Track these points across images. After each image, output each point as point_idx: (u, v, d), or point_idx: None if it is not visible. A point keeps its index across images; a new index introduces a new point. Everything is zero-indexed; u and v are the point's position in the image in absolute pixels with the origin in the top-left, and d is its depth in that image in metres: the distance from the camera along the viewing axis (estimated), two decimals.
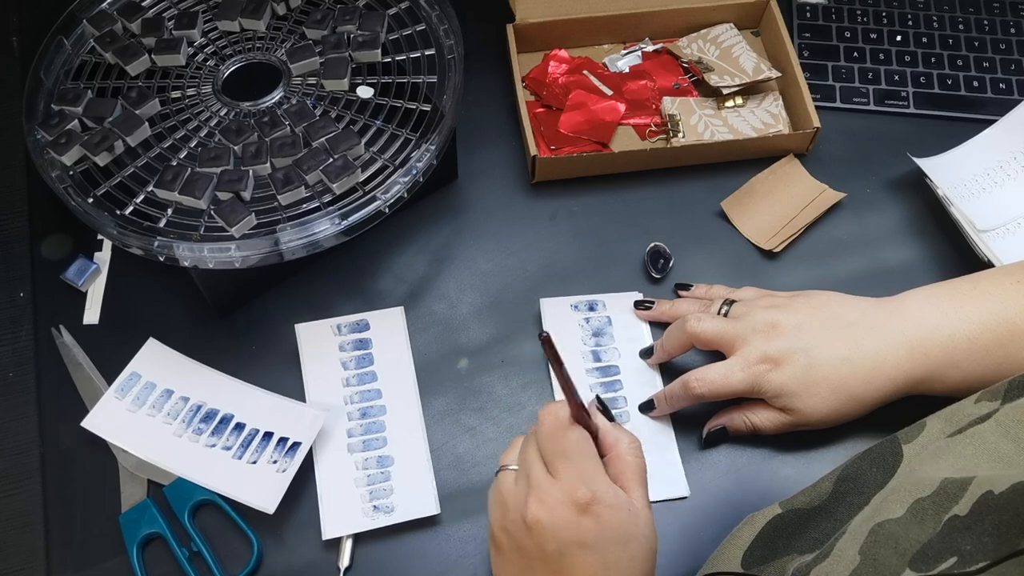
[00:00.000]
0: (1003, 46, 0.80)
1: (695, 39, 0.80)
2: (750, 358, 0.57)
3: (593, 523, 0.45)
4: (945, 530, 0.39)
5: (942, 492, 0.41)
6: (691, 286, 0.67)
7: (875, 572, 0.40)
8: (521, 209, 0.72)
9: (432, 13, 0.67)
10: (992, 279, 0.57)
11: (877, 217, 0.72)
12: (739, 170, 0.73)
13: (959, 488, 0.40)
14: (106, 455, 0.61)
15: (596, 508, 0.45)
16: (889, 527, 0.41)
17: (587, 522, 0.45)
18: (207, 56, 0.67)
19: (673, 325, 0.63)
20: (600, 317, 0.67)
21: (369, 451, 0.61)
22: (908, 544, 0.40)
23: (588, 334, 0.66)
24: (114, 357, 0.64)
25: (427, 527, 0.60)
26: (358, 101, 0.64)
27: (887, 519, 0.42)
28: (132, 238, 0.57)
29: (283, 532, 0.59)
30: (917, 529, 0.40)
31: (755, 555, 0.52)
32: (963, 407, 0.49)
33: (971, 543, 0.37)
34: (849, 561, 0.42)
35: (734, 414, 0.60)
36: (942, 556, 0.38)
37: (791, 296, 0.61)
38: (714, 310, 0.62)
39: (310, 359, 0.65)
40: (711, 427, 0.61)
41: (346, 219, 0.58)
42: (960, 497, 0.40)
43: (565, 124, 0.74)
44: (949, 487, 0.41)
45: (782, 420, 0.58)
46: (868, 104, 0.78)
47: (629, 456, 0.49)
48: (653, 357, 0.65)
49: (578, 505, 0.45)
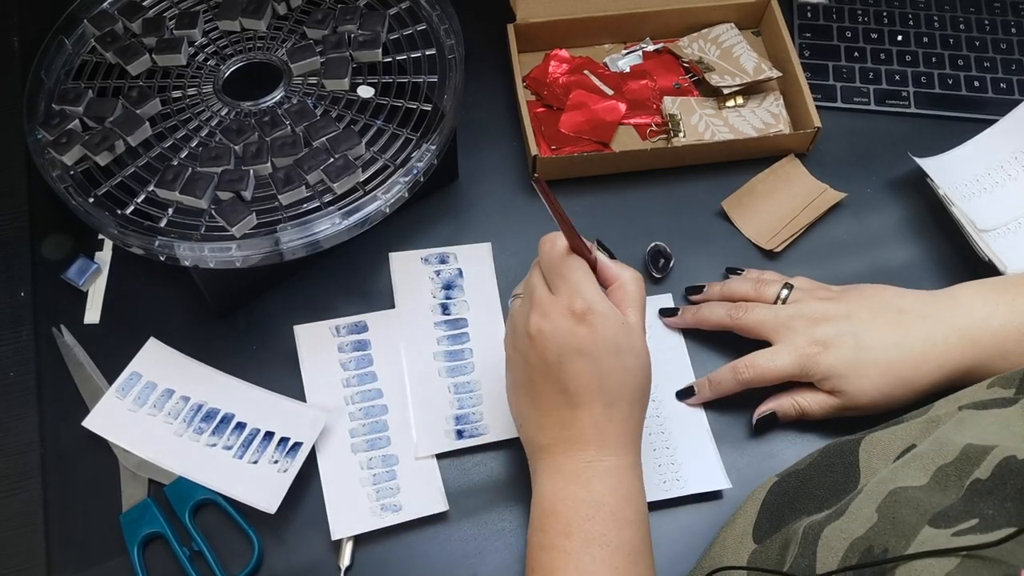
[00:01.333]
0: (1004, 46, 0.80)
1: (696, 39, 0.80)
2: (797, 343, 0.58)
3: (588, 331, 0.50)
4: (967, 494, 0.40)
5: (964, 457, 0.41)
6: (702, 287, 0.66)
7: (893, 529, 0.40)
8: (522, 209, 0.72)
9: (433, 13, 0.67)
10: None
11: (878, 217, 0.72)
12: (740, 170, 0.73)
13: (981, 453, 0.41)
14: (107, 455, 0.61)
15: (591, 317, 0.50)
16: (911, 492, 0.42)
17: (582, 330, 0.50)
18: (208, 56, 0.67)
19: (720, 303, 0.64)
20: (451, 269, 0.67)
21: (373, 451, 0.61)
22: (929, 506, 0.40)
23: (438, 287, 0.67)
24: (115, 357, 0.64)
25: (428, 526, 0.60)
26: (359, 101, 0.64)
27: (908, 485, 0.42)
28: (133, 238, 0.57)
29: (284, 532, 0.59)
30: (940, 495, 0.41)
31: (764, 527, 0.52)
32: (975, 391, 0.49)
33: (993, 507, 0.38)
34: (866, 519, 0.42)
35: (783, 398, 0.61)
36: (963, 518, 0.38)
37: (843, 289, 0.62)
38: (772, 292, 0.62)
39: (309, 361, 0.65)
40: (760, 413, 0.61)
41: (347, 219, 0.58)
42: (981, 461, 0.40)
43: (566, 124, 0.74)
44: (971, 452, 0.41)
45: (831, 403, 0.59)
46: (869, 104, 0.77)
47: (630, 285, 0.53)
48: (676, 319, 0.65)
49: (575, 315, 0.50)
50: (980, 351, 0.56)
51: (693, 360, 0.65)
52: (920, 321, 0.57)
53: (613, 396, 0.51)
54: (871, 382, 0.57)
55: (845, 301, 0.60)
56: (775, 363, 0.59)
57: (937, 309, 0.58)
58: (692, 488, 0.60)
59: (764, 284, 0.63)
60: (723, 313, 0.63)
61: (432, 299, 0.67)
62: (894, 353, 0.57)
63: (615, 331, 0.50)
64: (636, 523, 0.50)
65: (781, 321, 0.60)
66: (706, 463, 0.61)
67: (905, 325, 0.57)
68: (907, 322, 0.57)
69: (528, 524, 0.52)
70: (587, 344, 0.50)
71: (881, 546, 0.40)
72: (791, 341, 0.59)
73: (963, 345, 0.56)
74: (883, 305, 0.59)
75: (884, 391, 0.57)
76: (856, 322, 0.58)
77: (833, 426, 0.61)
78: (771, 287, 0.63)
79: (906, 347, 0.57)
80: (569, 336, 0.50)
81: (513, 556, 0.59)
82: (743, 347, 0.62)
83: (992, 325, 0.56)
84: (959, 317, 0.57)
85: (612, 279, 0.54)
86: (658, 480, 0.60)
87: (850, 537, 0.42)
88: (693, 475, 0.60)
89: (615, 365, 0.50)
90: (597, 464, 0.50)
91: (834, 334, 0.58)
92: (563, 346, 0.50)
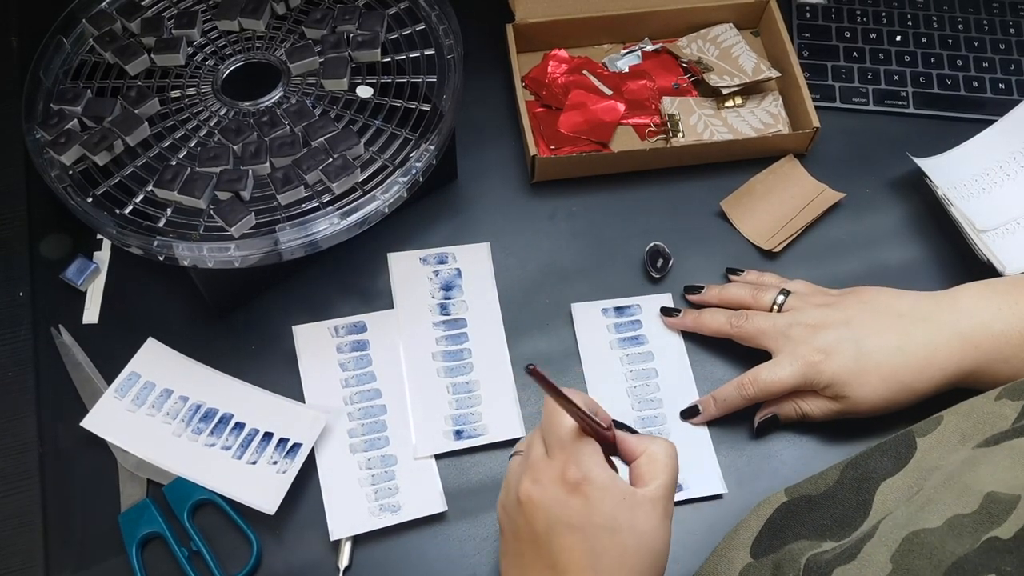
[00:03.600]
0: (1003, 46, 0.80)
1: (695, 39, 0.80)
2: (799, 352, 0.58)
3: (581, 503, 0.45)
4: (984, 547, 0.38)
5: (984, 511, 0.40)
6: (700, 288, 0.67)
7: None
8: (521, 209, 0.72)
9: (432, 13, 0.67)
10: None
11: (876, 217, 0.72)
12: (739, 170, 0.73)
13: (1004, 510, 0.39)
14: (105, 455, 0.61)
15: (585, 488, 0.45)
16: (924, 536, 0.41)
17: (575, 502, 0.45)
18: (206, 56, 0.67)
19: (720, 310, 0.63)
20: (450, 270, 0.67)
21: (372, 451, 0.61)
22: (943, 556, 0.39)
23: (437, 287, 0.67)
24: (113, 357, 0.64)
25: (427, 527, 0.60)
26: (358, 101, 0.64)
27: (922, 528, 0.41)
28: (131, 238, 0.57)
29: (283, 532, 0.59)
30: (953, 543, 0.40)
31: (763, 544, 0.52)
32: (981, 405, 0.49)
33: (1012, 565, 0.37)
34: (880, 567, 0.41)
35: (785, 402, 0.60)
36: (979, 572, 0.37)
37: (841, 294, 0.61)
38: (768, 298, 0.62)
39: (308, 361, 0.65)
40: (762, 416, 0.61)
41: (345, 219, 0.58)
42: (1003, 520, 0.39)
43: (565, 124, 0.74)
44: (992, 507, 0.39)
45: (832, 408, 0.59)
46: (868, 104, 0.77)
47: (660, 455, 0.48)
48: (676, 320, 0.65)
49: (568, 484, 0.45)
50: (981, 355, 0.56)
51: (692, 360, 0.65)
52: (921, 324, 0.57)
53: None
54: (873, 388, 0.57)
55: (843, 306, 0.59)
56: (778, 376, 0.58)
57: (938, 311, 0.57)
58: (692, 493, 0.60)
59: (761, 290, 0.63)
60: (723, 320, 0.63)
61: (431, 299, 0.67)
62: (896, 358, 0.56)
63: (613, 506, 0.45)
64: None
65: (780, 330, 0.59)
66: (705, 469, 0.61)
67: (905, 329, 0.57)
68: (907, 326, 0.57)
69: None
70: (579, 518, 0.45)
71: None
72: (792, 351, 0.58)
73: (964, 349, 0.56)
74: (882, 309, 0.58)
75: (886, 396, 0.57)
76: (856, 327, 0.58)
77: (832, 427, 0.61)
78: (767, 293, 0.62)
79: (908, 352, 0.56)
80: (560, 507, 0.45)
81: None
82: (738, 349, 0.63)
83: (994, 330, 0.56)
84: (961, 321, 0.56)
85: (636, 452, 0.48)
86: None
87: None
88: (693, 481, 0.60)
89: (610, 544, 0.45)
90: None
91: (834, 341, 0.57)
92: (553, 518, 0.45)
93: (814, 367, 0.57)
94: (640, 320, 0.67)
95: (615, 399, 0.63)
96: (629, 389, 0.64)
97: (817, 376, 0.58)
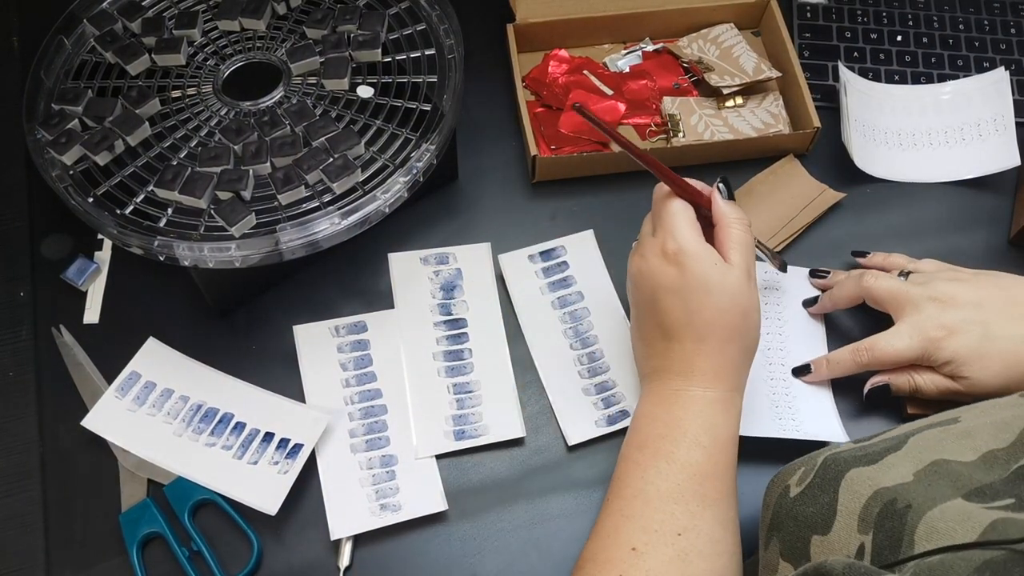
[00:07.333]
0: (1003, 46, 0.80)
1: (695, 39, 0.80)
2: (922, 325, 0.58)
3: (677, 271, 0.53)
4: (1012, 477, 0.39)
5: (1019, 442, 0.41)
6: (827, 272, 0.67)
7: (925, 495, 0.40)
8: (521, 209, 0.72)
9: (432, 13, 0.67)
10: None
11: (877, 217, 0.72)
12: (739, 170, 0.73)
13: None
14: (106, 454, 0.61)
15: (681, 258, 0.53)
16: (954, 466, 0.41)
17: (672, 269, 0.53)
18: (207, 56, 0.67)
19: (848, 276, 0.64)
20: (450, 270, 0.67)
21: (372, 451, 0.61)
22: (967, 481, 0.40)
23: (437, 287, 0.67)
24: (114, 356, 0.64)
25: (427, 526, 0.60)
26: (358, 101, 0.64)
27: (954, 460, 0.42)
28: (132, 237, 0.57)
29: (283, 531, 0.59)
30: (983, 473, 0.40)
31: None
32: (1008, 400, 0.48)
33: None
34: (899, 476, 0.42)
35: (900, 372, 0.60)
36: (999, 496, 0.38)
37: (976, 274, 0.61)
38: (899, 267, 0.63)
39: (308, 361, 0.65)
40: (873, 384, 0.61)
41: (346, 219, 0.58)
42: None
43: (565, 124, 0.75)
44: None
45: (947, 386, 0.58)
46: None
47: (734, 227, 0.55)
48: (816, 307, 0.66)
49: (667, 255, 0.54)
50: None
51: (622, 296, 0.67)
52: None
53: (703, 332, 0.53)
54: (994, 373, 0.56)
55: (976, 287, 0.59)
56: (895, 346, 0.58)
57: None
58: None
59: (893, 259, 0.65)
60: (853, 284, 0.63)
61: (431, 299, 0.67)
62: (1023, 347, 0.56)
63: (705, 271, 0.53)
64: (710, 449, 0.52)
65: (911, 298, 0.59)
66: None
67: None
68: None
69: None
70: (676, 283, 0.53)
71: (905, 500, 0.40)
72: (916, 323, 0.58)
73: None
74: (1016, 298, 0.58)
75: (1005, 383, 0.56)
76: (986, 311, 0.57)
77: None
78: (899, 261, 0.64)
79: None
80: (660, 275, 0.54)
81: (512, 556, 0.59)
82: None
83: None
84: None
85: (718, 219, 0.56)
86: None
87: (876, 485, 0.42)
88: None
89: (705, 303, 0.53)
90: (683, 393, 0.53)
91: (961, 321, 0.57)
92: (656, 285, 0.54)
93: (935, 343, 0.57)
94: (567, 261, 0.68)
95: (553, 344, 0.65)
96: (565, 331, 0.66)
97: (937, 352, 0.57)
